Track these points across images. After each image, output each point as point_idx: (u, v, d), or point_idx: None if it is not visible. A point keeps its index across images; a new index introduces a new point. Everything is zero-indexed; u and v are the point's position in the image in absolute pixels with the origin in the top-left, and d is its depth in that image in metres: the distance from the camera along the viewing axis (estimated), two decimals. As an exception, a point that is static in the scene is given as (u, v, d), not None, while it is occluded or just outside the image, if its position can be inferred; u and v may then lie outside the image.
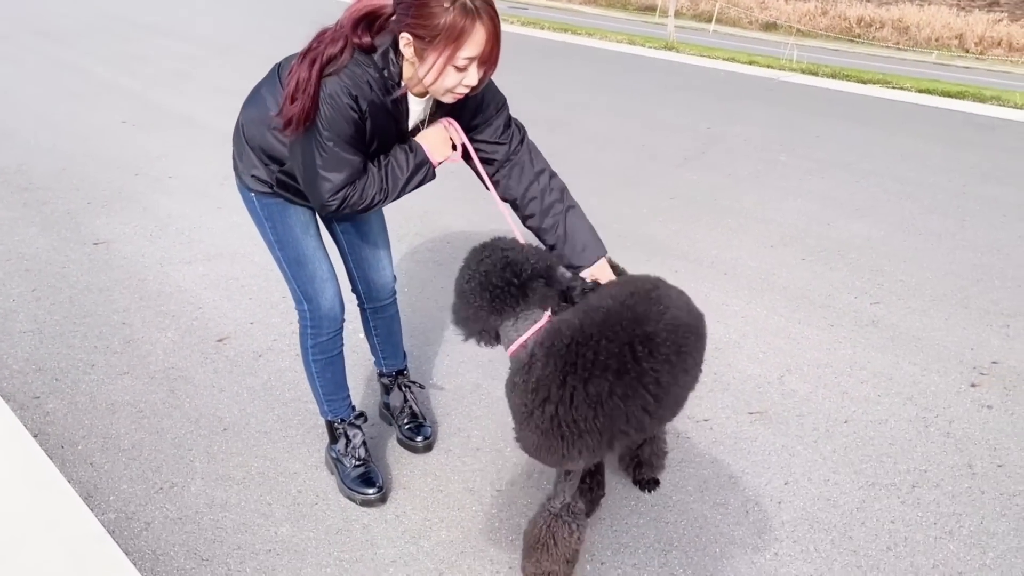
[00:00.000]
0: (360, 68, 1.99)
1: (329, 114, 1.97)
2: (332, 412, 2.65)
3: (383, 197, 2.13)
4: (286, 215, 2.32)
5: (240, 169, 2.31)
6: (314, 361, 2.55)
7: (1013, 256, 4.60)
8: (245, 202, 2.36)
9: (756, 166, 6.15)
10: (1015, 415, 3.14)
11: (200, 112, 7.21)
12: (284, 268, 2.41)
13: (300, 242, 2.37)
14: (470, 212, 5.01)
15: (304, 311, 2.47)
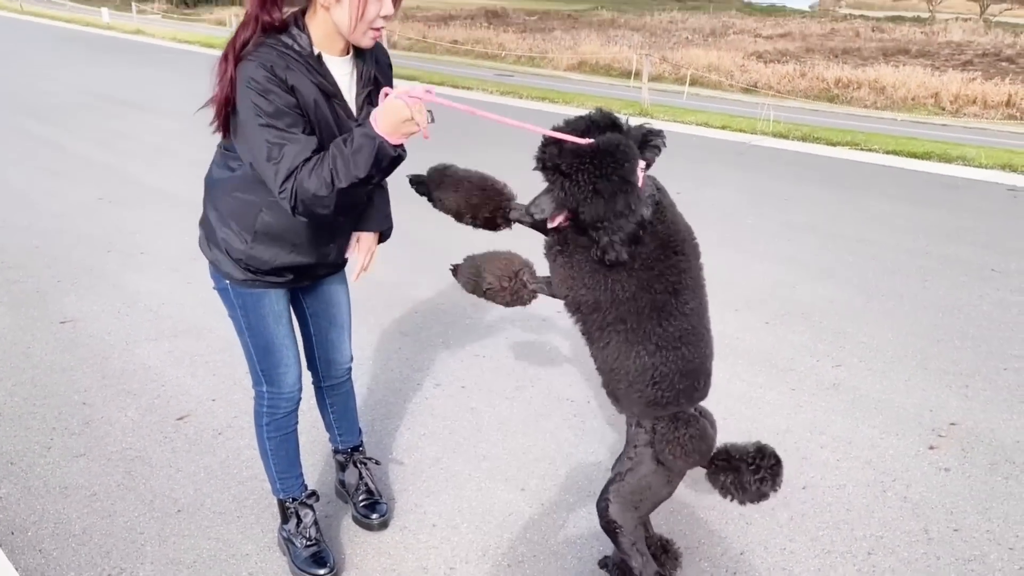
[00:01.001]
0: (270, 48, 2.01)
1: (253, 97, 1.96)
2: (284, 490, 2.64)
3: (333, 180, 1.92)
4: (260, 305, 2.34)
5: (215, 257, 2.30)
6: (269, 439, 2.55)
7: (972, 316, 4.67)
8: (218, 288, 2.37)
9: (725, 230, 6.26)
10: (972, 477, 3.15)
11: (176, 186, 7.31)
12: (250, 352, 2.43)
13: (270, 331, 2.39)
14: (439, 283, 5.06)
15: (263, 392, 2.49)
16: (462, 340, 4.30)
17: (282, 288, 2.38)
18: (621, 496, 2.27)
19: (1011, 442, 3.39)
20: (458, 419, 3.54)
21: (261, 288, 2.32)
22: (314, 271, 2.43)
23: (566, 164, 1.90)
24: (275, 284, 2.34)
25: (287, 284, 2.37)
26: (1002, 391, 3.82)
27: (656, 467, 2.26)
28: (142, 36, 26.60)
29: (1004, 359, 4.14)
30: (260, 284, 2.31)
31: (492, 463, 3.22)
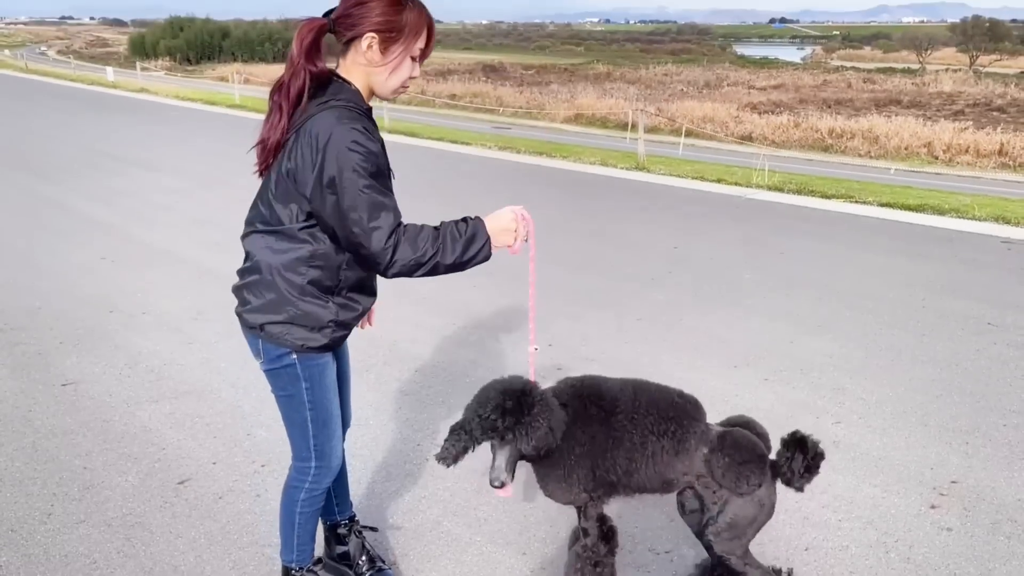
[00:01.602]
0: (346, 108, 2.12)
1: (359, 160, 2.05)
2: (300, 560, 2.62)
3: (436, 256, 2.11)
4: (324, 375, 2.36)
5: (283, 329, 2.26)
6: (301, 513, 2.53)
7: (971, 370, 4.69)
8: (277, 367, 2.31)
9: (721, 285, 6.31)
10: (974, 537, 3.14)
11: (180, 246, 7.38)
12: (306, 428, 2.40)
13: (330, 402, 2.41)
14: (438, 340, 5.09)
15: (309, 468, 2.46)
16: (463, 399, 4.28)
17: (336, 349, 2.40)
18: (718, 535, 2.50)
19: (1012, 500, 3.39)
20: (459, 481, 3.53)
21: (325, 356, 2.34)
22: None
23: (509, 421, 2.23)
24: (341, 338, 2.37)
25: (340, 342, 2.40)
26: (1002, 448, 3.82)
27: (739, 500, 2.47)
28: (146, 94, 27.04)
29: (1003, 415, 4.15)
30: (330, 345, 2.32)
31: (493, 526, 3.21)
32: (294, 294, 2.24)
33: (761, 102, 38.93)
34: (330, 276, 2.25)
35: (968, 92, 44.15)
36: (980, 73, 58.00)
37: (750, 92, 44.59)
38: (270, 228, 2.23)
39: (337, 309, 2.30)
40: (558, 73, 55.54)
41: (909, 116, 32.98)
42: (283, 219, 2.19)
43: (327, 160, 2.06)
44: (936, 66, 68.70)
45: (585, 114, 34.58)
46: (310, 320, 2.27)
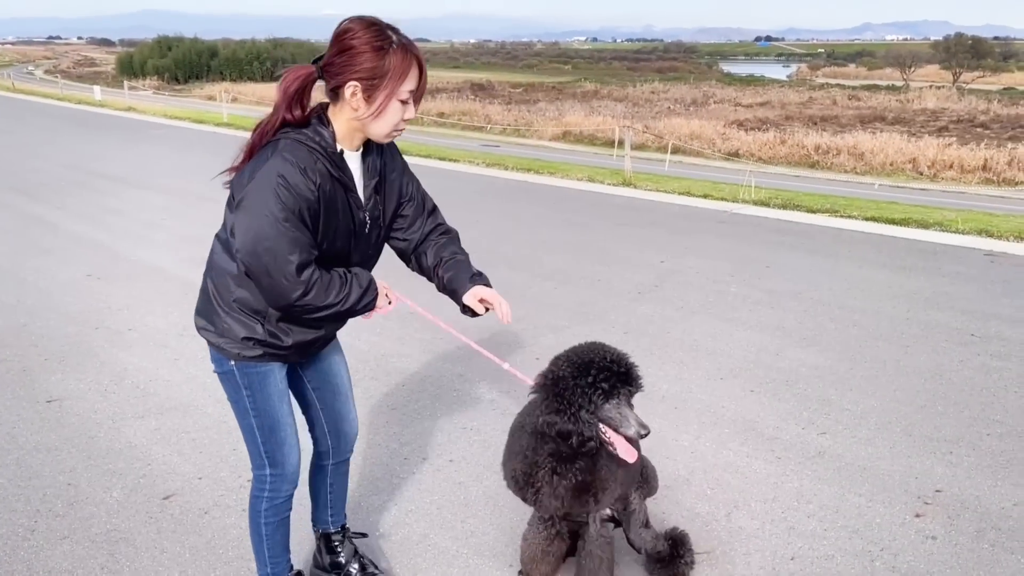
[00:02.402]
0: (300, 145, 2.12)
1: (284, 195, 2.05)
2: (275, 572, 2.63)
3: (338, 304, 2.21)
4: (266, 384, 2.37)
5: (217, 339, 2.32)
6: (266, 524, 2.54)
7: (955, 381, 4.72)
8: (221, 372, 2.37)
9: (707, 298, 6.34)
10: (958, 546, 3.16)
11: (165, 262, 7.37)
12: (254, 435, 2.43)
13: (275, 409, 2.41)
14: (426, 354, 5.09)
15: (265, 476, 2.48)
16: (450, 413, 4.32)
17: (286, 364, 2.43)
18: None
19: (996, 509, 3.41)
20: (445, 494, 3.53)
21: (268, 364, 2.35)
22: (318, 345, 2.49)
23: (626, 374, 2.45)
24: (283, 357, 2.37)
25: (295, 358, 2.43)
26: (985, 457, 3.85)
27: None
28: (134, 113, 27.02)
29: (987, 424, 4.18)
30: (268, 357, 2.33)
31: (480, 539, 3.21)
32: (223, 307, 2.30)
33: (747, 119, 39.24)
34: (257, 300, 2.25)
35: (952, 108, 44.64)
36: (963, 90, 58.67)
37: (736, 109, 44.95)
38: (223, 238, 2.28)
39: (266, 333, 2.30)
40: (546, 91, 55.83)
41: (894, 132, 33.31)
42: (228, 230, 2.21)
43: (250, 183, 2.08)
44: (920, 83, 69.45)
45: (573, 132, 34.77)
46: (236, 335, 2.29)
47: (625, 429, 2.36)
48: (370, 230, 2.35)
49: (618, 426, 2.37)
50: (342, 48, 2.10)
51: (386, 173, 2.39)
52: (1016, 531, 3.24)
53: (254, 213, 2.06)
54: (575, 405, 2.36)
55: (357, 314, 2.31)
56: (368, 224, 2.33)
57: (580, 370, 2.38)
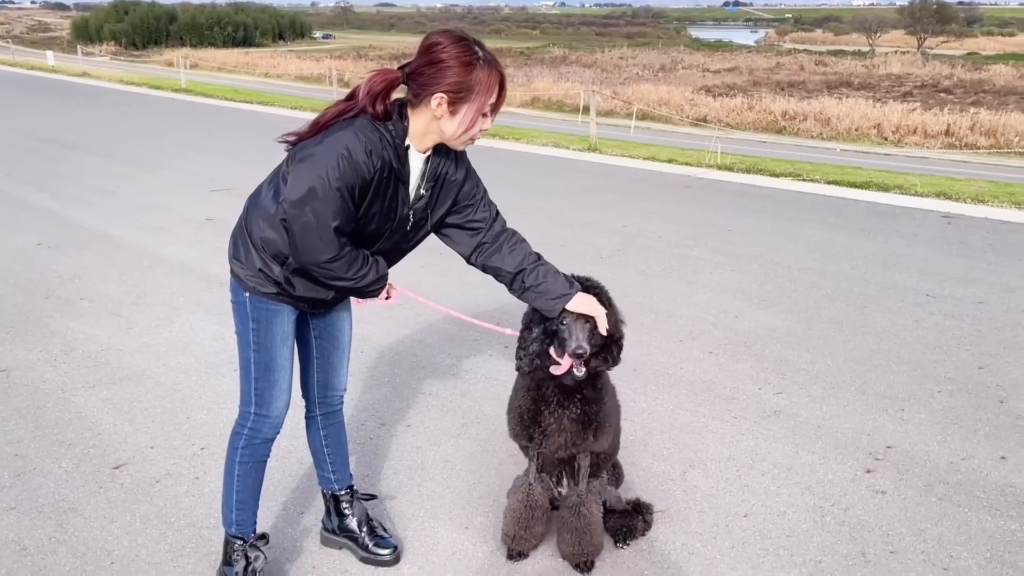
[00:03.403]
0: (374, 130, 2.25)
1: (344, 166, 2.19)
2: (239, 525, 2.60)
3: (353, 281, 2.37)
4: (273, 322, 2.45)
5: (240, 269, 2.43)
6: (240, 463, 2.56)
7: (908, 340, 4.79)
8: (235, 301, 2.48)
9: (669, 262, 6.35)
10: (907, 499, 3.22)
11: (119, 230, 7.21)
12: (250, 369, 2.49)
13: (277, 350, 2.48)
14: (386, 321, 5.05)
15: (249, 413, 2.53)
16: (408, 379, 4.29)
17: (296, 308, 2.50)
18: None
19: (945, 463, 3.47)
20: (403, 459, 3.52)
21: (279, 304, 2.45)
22: (328, 304, 2.57)
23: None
24: (293, 302, 2.47)
25: (305, 307, 2.52)
26: (936, 413, 3.91)
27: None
28: (88, 79, 26.33)
29: (938, 382, 4.25)
30: (282, 299, 2.44)
31: (436, 502, 3.20)
32: (250, 240, 2.41)
33: (716, 85, 39.26)
34: (283, 245, 2.35)
35: (916, 74, 45.01)
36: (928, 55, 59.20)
37: (705, 75, 44.93)
38: (271, 180, 2.41)
39: (282, 276, 2.40)
40: (514, 57, 55.34)
41: (860, 98, 33.53)
42: (280, 176, 2.35)
43: (319, 145, 2.23)
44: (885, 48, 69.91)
45: (541, 98, 34.52)
46: (254, 266, 2.41)
47: (567, 346, 2.47)
48: (411, 227, 2.47)
49: (564, 342, 2.48)
50: (431, 60, 2.23)
51: (446, 179, 2.48)
52: (963, 484, 3.31)
53: (313, 172, 2.19)
54: (527, 326, 2.52)
55: (360, 296, 2.47)
56: (411, 221, 2.45)
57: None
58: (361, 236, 2.39)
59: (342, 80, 26.16)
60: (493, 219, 2.62)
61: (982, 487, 3.29)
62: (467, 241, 2.60)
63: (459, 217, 2.57)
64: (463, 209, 2.56)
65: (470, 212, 2.57)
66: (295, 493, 3.26)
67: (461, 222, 2.57)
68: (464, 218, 2.57)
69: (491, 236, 2.59)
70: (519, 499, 2.77)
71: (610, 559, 2.84)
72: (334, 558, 2.85)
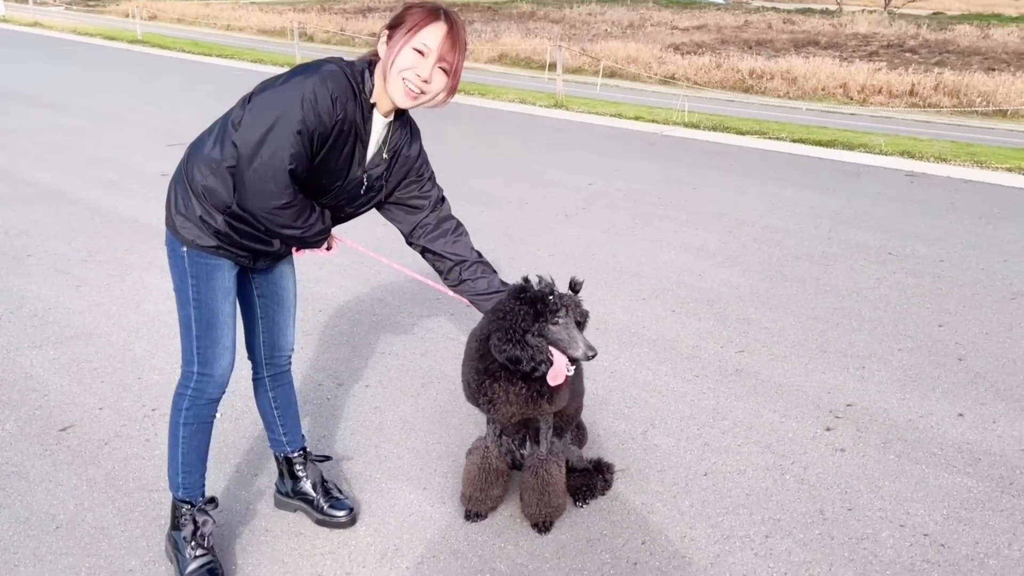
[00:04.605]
0: (343, 79, 2.18)
1: (308, 111, 2.10)
2: (185, 488, 2.52)
3: (300, 231, 2.30)
4: (213, 277, 2.34)
5: (177, 220, 2.31)
6: (185, 424, 2.47)
7: (870, 298, 4.80)
8: (172, 256, 2.37)
9: (634, 220, 6.30)
10: (865, 456, 3.23)
11: (71, 185, 6.97)
12: (191, 327, 2.40)
13: (218, 306, 2.39)
14: (345, 279, 4.95)
15: (192, 372, 2.44)
16: (367, 338, 4.21)
17: (238, 264, 2.41)
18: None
19: (903, 421, 3.49)
20: (360, 419, 3.45)
21: (219, 258, 2.34)
22: (271, 257, 2.48)
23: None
24: (235, 255, 2.36)
25: (246, 261, 2.41)
26: (896, 371, 3.93)
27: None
28: (40, 28, 25.40)
29: (898, 340, 4.27)
30: (223, 252, 2.33)
31: (394, 463, 3.15)
32: (189, 189, 2.30)
33: (684, 43, 38.84)
34: (226, 193, 2.25)
35: (882, 33, 44.94)
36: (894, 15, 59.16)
37: (673, 33, 44.44)
38: (216, 128, 2.30)
39: (224, 224, 2.30)
40: (481, 12, 54.22)
41: (826, 57, 33.48)
42: (229, 121, 2.23)
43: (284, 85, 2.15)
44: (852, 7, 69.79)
45: (509, 54, 33.98)
46: (194, 215, 2.29)
47: (573, 351, 2.40)
48: (363, 191, 2.39)
49: (566, 348, 2.41)
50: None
51: (401, 151, 2.43)
52: (921, 441, 3.33)
53: (273, 112, 2.10)
54: (520, 330, 2.38)
55: (302, 245, 2.41)
56: (364, 185, 2.37)
57: (523, 296, 2.44)
58: (308, 189, 2.30)
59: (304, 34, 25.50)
60: (438, 202, 2.60)
61: (939, 444, 3.32)
62: (408, 219, 2.57)
63: (404, 193, 2.53)
64: (409, 186, 2.52)
65: (415, 189, 2.54)
66: (249, 455, 3.18)
67: (405, 199, 2.54)
68: (409, 194, 2.54)
69: (434, 219, 2.57)
70: (475, 461, 2.73)
71: (569, 519, 2.81)
72: (288, 521, 2.79)
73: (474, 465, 2.73)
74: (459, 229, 2.63)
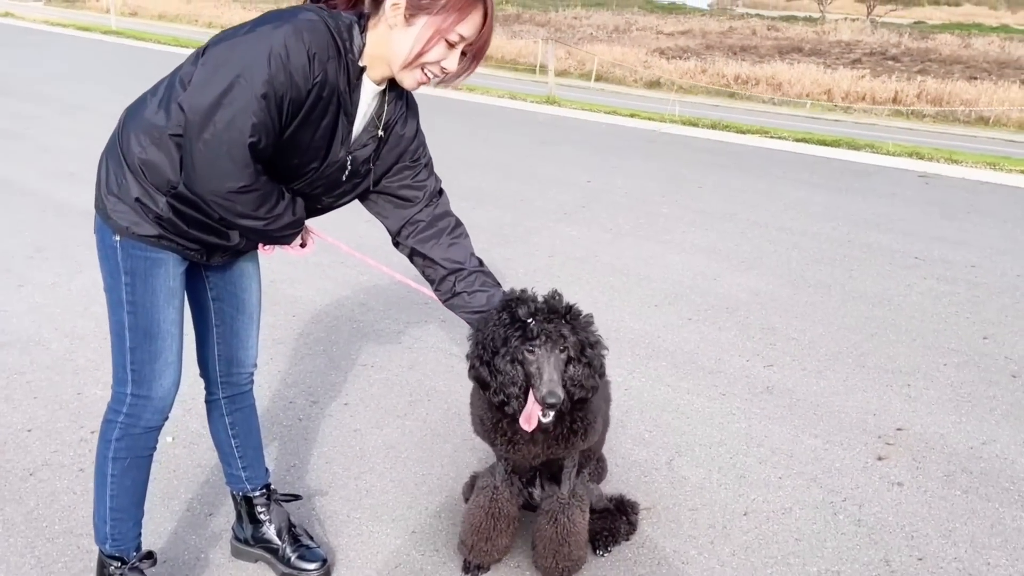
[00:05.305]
0: (324, 31, 1.71)
1: (276, 69, 1.64)
2: (115, 540, 2.02)
3: (265, 221, 1.82)
4: (153, 274, 1.87)
5: (108, 202, 1.83)
6: (115, 460, 1.96)
7: (904, 307, 4.36)
8: (101, 247, 1.89)
9: (638, 219, 5.83)
10: (928, 492, 2.77)
11: (23, 176, 6.41)
12: (124, 337, 1.89)
13: (159, 311, 1.88)
14: (322, 280, 4.44)
15: (125, 395, 1.93)
16: (347, 348, 3.70)
17: (186, 259, 1.92)
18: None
19: (964, 449, 3.04)
20: (337, 444, 2.95)
21: (162, 251, 1.86)
22: (229, 253, 1.98)
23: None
24: (183, 248, 1.89)
25: (197, 255, 1.93)
26: (945, 390, 3.48)
27: None
28: (11, 19, 24.64)
29: (942, 353, 3.82)
30: (166, 244, 1.86)
31: (377, 499, 2.65)
32: (124, 163, 1.82)
33: (669, 47, 38.71)
34: (171, 171, 1.78)
35: (865, 41, 45.06)
36: (876, 23, 59.42)
37: (658, 37, 44.34)
38: (161, 87, 1.83)
39: (169, 209, 1.82)
40: (466, 13, 53.79)
41: (810, 63, 33.39)
42: (177, 79, 1.78)
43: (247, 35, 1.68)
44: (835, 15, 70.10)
45: (494, 55, 33.56)
46: (129, 196, 1.82)
47: (535, 388, 1.86)
48: (346, 177, 1.93)
49: (534, 382, 1.88)
50: None
51: (394, 128, 1.97)
52: (988, 474, 2.87)
53: (232, 69, 1.65)
54: (490, 349, 1.89)
55: (270, 240, 1.96)
56: (347, 169, 1.91)
57: (508, 308, 1.92)
58: (275, 171, 1.81)
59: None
60: (434, 194, 2.08)
61: (1010, 477, 2.86)
62: (396, 213, 2.06)
63: (394, 181, 2.03)
64: (401, 172, 2.02)
65: (407, 177, 2.03)
66: (205, 489, 2.67)
67: (394, 188, 2.03)
68: (400, 183, 2.03)
69: (428, 215, 2.06)
70: (481, 504, 2.22)
71: (590, 571, 2.33)
72: (248, 574, 2.28)
73: (480, 509, 2.22)
74: (457, 229, 2.13)
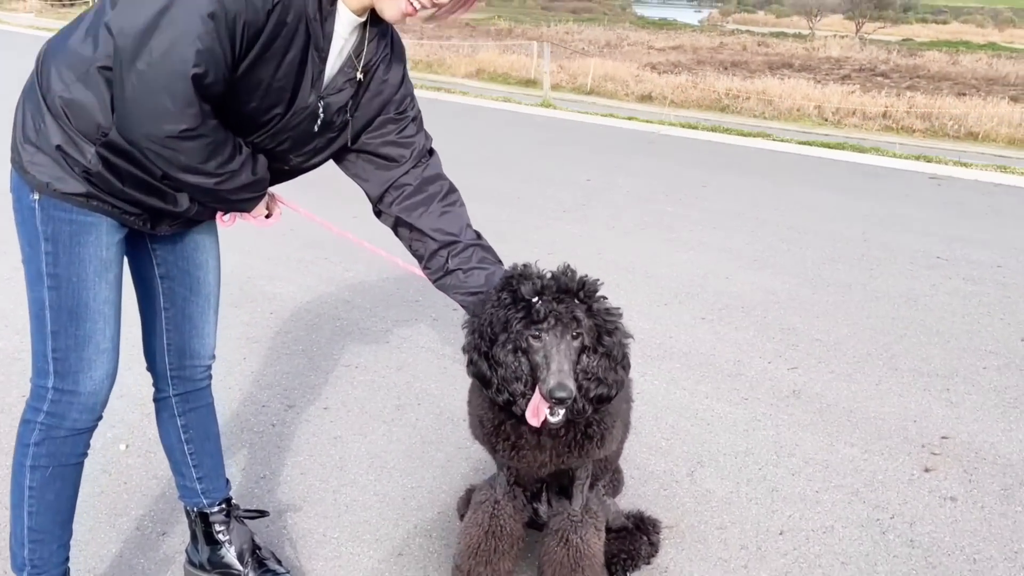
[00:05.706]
0: None
1: None
2: (34, 567, 1.69)
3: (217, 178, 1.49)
4: (80, 243, 1.55)
5: (24, 152, 1.51)
6: (33, 468, 1.62)
7: (932, 307, 4.04)
8: (17, 208, 1.56)
9: (642, 217, 5.51)
10: (985, 508, 2.43)
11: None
12: (44, 319, 1.55)
13: (87, 287, 1.57)
14: (303, 276, 4.10)
15: (46, 389, 1.58)
16: (329, 348, 3.35)
17: (125, 225, 1.60)
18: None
19: (1018, 460, 2.71)
20: (314, 453, 2.60)
21: (93, 214, 1.54)
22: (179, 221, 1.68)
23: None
24: (119, 212, 1.56)
25: (137, 222, 1.60)
26: (989, 395, 3.15)
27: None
28: None
29: (979, 355, 3.50)
30: (96, 205, 1.53)
31: (358, 516, 2.30)
32: (45, 106, 1.49)
33: (660, 62, 38.62)
34: (102, 114, 1.46)
35: (854, 57, 45.11)
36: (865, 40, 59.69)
37: (650, 52, 44.23)
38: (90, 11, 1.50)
39: (99, 162, 1.49)
40: (459, 28, 53.65)
41: (800, 79, 33.40)
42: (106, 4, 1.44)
43: None
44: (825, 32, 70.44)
45: (486, 69, 33.39)
46: (52, 152, 1.49)
47: (541, 381, 1.53)
48: (318, 129, 1.61)
49: (539, 374, 1.55)
50: None
51: (376, 72, 1.65)
52: (1051, 488, 2.54)
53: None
54: (489, 337, 1.57)
55: (226, 206, 1.63)
56: (319, 118, 1.59)
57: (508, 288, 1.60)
58: (229, 118, 1.48)
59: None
60: (423, 154, 1.76)
61: (1074, 491, 2.53)
62: (378, 176, 1.74)
63: (375, 136, 1.70)
64: (385, 126, 1.70)
65: (391, 132, 1.71)
66: (159, 504, 2.32)
67: (375, 145, 1.71)
68: (382, 139, 1.71)
69: (415, 177, 1.74)
70: (479, 521, 1.87)
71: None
72: (202, 606, 1.93)
73: (478, 527, 1.87)
74: (451, 196, 1.82)
